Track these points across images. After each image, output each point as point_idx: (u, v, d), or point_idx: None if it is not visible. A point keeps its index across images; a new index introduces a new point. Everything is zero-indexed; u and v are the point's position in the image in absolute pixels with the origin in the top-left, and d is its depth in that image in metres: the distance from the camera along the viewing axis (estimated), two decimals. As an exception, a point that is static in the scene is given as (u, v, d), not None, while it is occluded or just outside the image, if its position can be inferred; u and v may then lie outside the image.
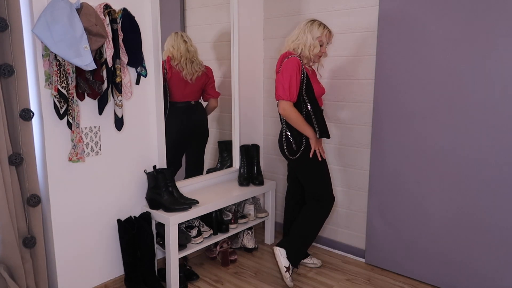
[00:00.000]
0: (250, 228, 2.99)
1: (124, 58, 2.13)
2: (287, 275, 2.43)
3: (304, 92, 2.39)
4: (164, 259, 2.50)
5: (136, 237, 2.35)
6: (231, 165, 3.06)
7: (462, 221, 2.35)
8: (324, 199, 2.53)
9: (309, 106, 2.40)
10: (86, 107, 2.17)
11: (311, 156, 2.44)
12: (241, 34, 2.96)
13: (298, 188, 2.68)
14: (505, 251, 2.22)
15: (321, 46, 2.41)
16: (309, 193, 2.55)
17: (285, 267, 2.43)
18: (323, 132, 2.44)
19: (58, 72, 1.92)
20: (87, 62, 1.90)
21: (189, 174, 2.88)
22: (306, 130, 2.40)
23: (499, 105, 2.16)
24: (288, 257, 2.45)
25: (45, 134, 2.03)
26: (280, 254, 2.44)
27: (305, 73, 2.39)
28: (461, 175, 2.32)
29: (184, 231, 2.53)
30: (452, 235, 2.39)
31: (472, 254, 2.34)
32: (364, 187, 2.78)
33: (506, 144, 2.15)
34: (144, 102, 2.44)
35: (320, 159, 2.47)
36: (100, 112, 2.17)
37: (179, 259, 2.44)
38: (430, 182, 2.44)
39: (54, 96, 1.94)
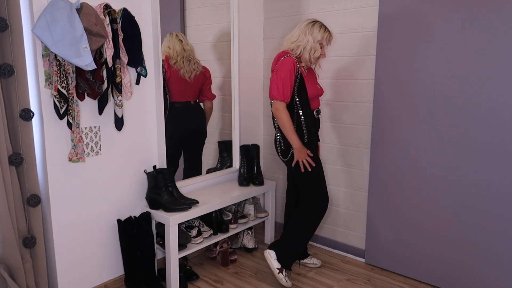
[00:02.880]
0: (250, 228, 2.99)
1: (124, 58, 2.13)
2: (280, 277, 2.45)
3: (296, 94, 2.36)
4: (164, 259, 2.50)
5: (136, 237, 2.35)
6: (231, 165, 3.06)
7: (463, 221, 2.35)
8: (316, 201, 2.49)
9: (300, 110, 2.38)
10: (86, 107, 2.17)
11: (293, 165, 2.43)
12: (241, 34, 2.96)
13: (296, 187, 2.68)
14: (505, 251, 2.22)
15: (321, 48, 2.39)
16: (302, 194, 2.53)
17: (277, 268, 2.45)
18: (310, 135, 2.42)
19: (58, 72, 1.92)
20: (87, 62, 1.90)
21: (186, 175, 2.88)
22: (291, 137, 2.37)
23: (500, 105, 2.16)
24: (279, 259, 2.45)
25: (45, 134, 2.03)
26: (270, 256, 2.46)
27: (299, 73, 2.36)
28: (461, 175, 2.32)
29: (184, 231, 2.53)
30: (452, 235, 2.39)
31: (472, 254, 2.34)
32: (364, 187, 2.78)
33: (508, 144, 2.15)
34: (144, 102, 2.43)
35: (303, 169, 2.42)
36: (100, 112, 2.17)
37: (179, 259, 2.44)
38: (431, 182, 2.43)
39: (54, 96, 1.94)
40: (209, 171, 3.01)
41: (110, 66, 2.06)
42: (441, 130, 2.36)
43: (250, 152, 2.98)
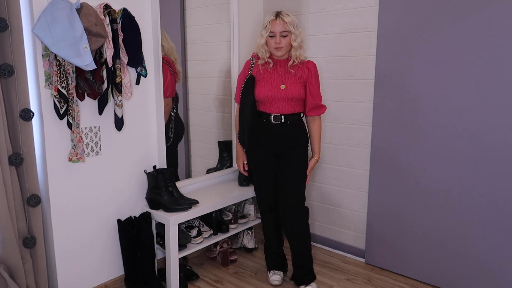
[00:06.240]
0: (250, 228, 2.99)
1: (124, 58, 2.13)
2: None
3: (240, 94, 2.38)
4: (164, 259, 2.50)
5: (136, 237, 2.35)
6: (231, 165, 3.06)
7: (462, 220, 2.35)
8: (259, 207, 2.58)
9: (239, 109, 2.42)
10: (86, 107, 2.17)
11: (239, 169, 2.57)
12: (241, 34, 2.95)
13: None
14: (505, 251, 2.22)
15: (272, 37, 2.23)
16: None
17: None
18: (251, 140, 2.37)
19: (58, 72, 1.92)
20: (87, 62, 1.90)
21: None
22: (236, 140, 2.49)
23: (500, 103, 2.15)
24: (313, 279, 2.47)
25: (45, 134, 2.03)
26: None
27: (250, 73, 2.34)
28: (462, 174, 2.32)
29: (184, 231, 2.53)
30: (452, 235, 2.39)
31: (472, 254, 2.34)
32: (364, 187, 2.78)
33: (507, 143, 2.15)
34: (144, 102, 2.43)
35: (245, 174, 2.57)
36: (100, 112, 2.17)
37: (179, 259, 2.44)
38: (431, 182, 2.43)
39: (54, 96, 1.94)
40: (209, 171, 3.01)
41: (110, 66, 2.06)
42: (441, 130, 2.36)
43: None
